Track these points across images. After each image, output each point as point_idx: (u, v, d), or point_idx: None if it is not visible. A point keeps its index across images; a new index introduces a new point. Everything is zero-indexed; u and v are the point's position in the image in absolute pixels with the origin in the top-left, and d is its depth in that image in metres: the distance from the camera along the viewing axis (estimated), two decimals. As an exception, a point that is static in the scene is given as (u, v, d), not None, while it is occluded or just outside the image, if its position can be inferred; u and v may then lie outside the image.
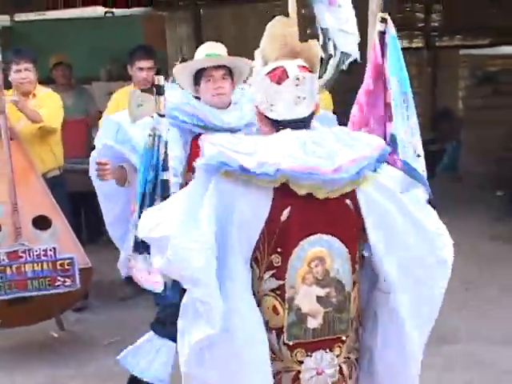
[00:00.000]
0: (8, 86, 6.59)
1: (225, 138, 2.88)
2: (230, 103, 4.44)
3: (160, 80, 3.81)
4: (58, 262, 5.91)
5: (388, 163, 3.04)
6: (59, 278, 5.91)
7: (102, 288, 7.26)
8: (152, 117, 3.89)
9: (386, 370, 3.04)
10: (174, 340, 3.53)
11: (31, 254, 5.81)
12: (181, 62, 4.64)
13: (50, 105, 6.57)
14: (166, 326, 4.35)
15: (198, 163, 2.77)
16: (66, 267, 6.08)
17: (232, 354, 2.77)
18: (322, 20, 4.32)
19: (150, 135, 3.76)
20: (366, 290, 3.04)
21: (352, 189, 2.79)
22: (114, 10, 11.26)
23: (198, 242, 2.65)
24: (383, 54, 3.83)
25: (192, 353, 2.80)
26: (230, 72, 4.40)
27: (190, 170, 4.15)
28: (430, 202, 3.15)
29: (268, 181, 2.67)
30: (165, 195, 3.64)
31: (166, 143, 3.78)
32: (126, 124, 4.29)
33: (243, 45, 3.26)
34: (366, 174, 2.79)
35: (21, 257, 5.90)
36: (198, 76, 4.37)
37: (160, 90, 3.78)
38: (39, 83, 6.82)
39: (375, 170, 2.84)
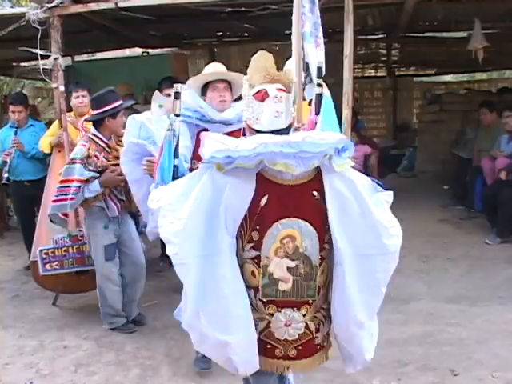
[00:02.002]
0: (69, 109, 6.65)
1: (218, 137, 2.93)
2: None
3: (178, 87, 3.86)
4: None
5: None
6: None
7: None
8: (168, 116, 3.95)
9: (338, 328, 3.05)
10: None
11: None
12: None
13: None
14: None
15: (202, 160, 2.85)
16: None
17: (220, 309, 2.83)
18: (307, 55, 4.33)
19: (168, 129, 3.79)
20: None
21: (319, 168, 2.82)
22: (149, 50, 11.28)
23: (178, 217, 2.78)
24: (318, 112, 3.86)
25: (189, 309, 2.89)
26: (230, 85, 4.54)
27: (195, 158, 4.28)
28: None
29: (248, 163, 2.72)
30: (175, 177, 3.67)
31: (178, 137, 3.82)
32: (147, 122, 4.40)
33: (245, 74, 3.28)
34: (332, 155, 2.79)
35: (80, 240, 5.94)
36: (205, 88, 4.50)
37: (177, 95, 3.83)
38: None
39: (339, 154, 2.82)
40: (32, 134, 7.34)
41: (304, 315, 2.96)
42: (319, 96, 3.88)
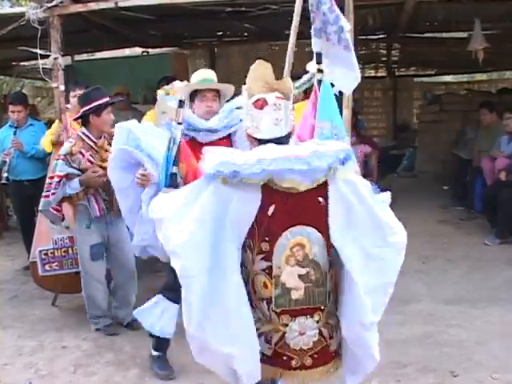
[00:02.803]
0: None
1: (222, 150, 2.92)
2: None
3: (182, 96, 3.95)
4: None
5: None
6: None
7: (140, 262, 7.22)
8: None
9: (346, 330, 3.01)
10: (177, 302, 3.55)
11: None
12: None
13: None
14: (174, 291, 4.05)
15: (203, 169, 2.82)
16: None
17: (224, 321, 2.80)
18: (315, 45, 4.21)
19: (169, 139, 3.76)
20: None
21: (325, 180, 2.79)
22: (149, 50, 11.26)
23: (181, 229, 2.75)
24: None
25: (193, 321, 2.84)
26: (218, 93, 4.52)
27: (181, 161, 4.07)
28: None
29: (255, 180, 2.70)
30: (173, 185, 3.62)
31: (179, 145, 3.77)
32: (134, 129, 4.30)
33: (247, 74, 3.27)
34: (337, 166, 2.78)
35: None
36: (193, 95, 4.47)
37: (181, 104, 3.84)
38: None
39: (343, 164, 2.82)
40: (31, 134, 7.35)
41: (317, 321, 2.94)
42: (319, 82, 3.89)
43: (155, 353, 4.82)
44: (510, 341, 5.00)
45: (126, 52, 12.33)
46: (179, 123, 3.82)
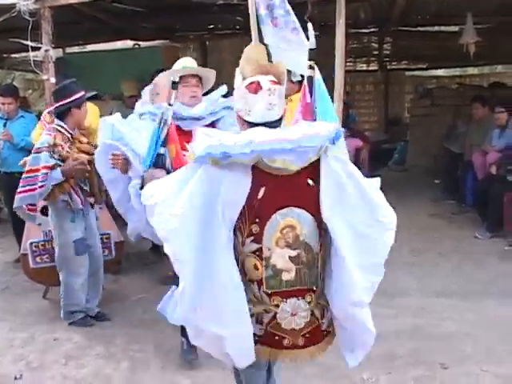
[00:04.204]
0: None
1: (213, 132, 2.94)
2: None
3: (175, 77, 4.06)
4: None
5: None
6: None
7: (132, 256, 7.25)
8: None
9: (338, 310, 3.02)
10: None
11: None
12: None
13: (90, 114, 6.28)
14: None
15: (192, 153, 2.83)
16: (105, 241, 6.17)
17: (216, 304, 2.82)
18: (266, 36, 4.40)
19: (160, 118, 3.88)
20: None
21: (316, 158, 2.82)
22: (140, 42, 11.23)
23: (174, 213, 2.77)
24: (312, 95, 3.86)
25: (185, 305, 2.88)
26: (200, 80, 4.55)
27: (169, 143, 4.23)
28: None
29: (245, 160, 2.71)
30: (159, 165, 3.72)
31: (169, 126, 3.90)
32: (118, 124, 4.43)
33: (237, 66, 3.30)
34: (328, 145, 2.82)
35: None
36: (176, 82, 4.42)
37: (174, 85, 3.95)
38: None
39: (333, 143, 2.85)
40: (22, 126, 7.32)
41: (309, 303, 2.96)
42: (310, 79, 3.88)
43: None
44: (501, 334, 5.02)
45: (118, 44, 12.30)
46: (170, 104, 3.90)
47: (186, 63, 4.60)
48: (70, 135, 5.37)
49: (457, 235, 7.87)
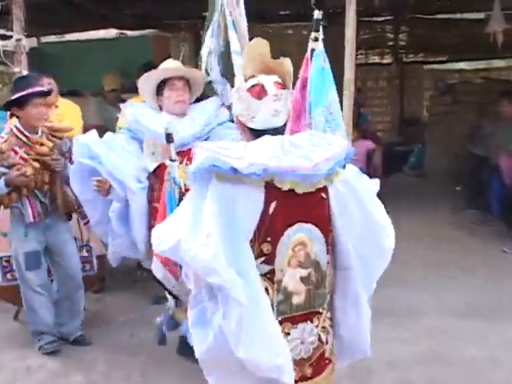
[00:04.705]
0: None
1: (216, 144, 2.89)
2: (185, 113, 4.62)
3: (169, 129, 3.92)
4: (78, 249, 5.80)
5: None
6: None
7: (117, 272, 7.22)
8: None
9: (347, 329, 3.14)
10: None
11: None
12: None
13: (69, 115, 6.38)
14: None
15: (191, 169, 2.81)
16: (85, 254, 6.11)
17: (265, 329, 2.77)
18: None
19: (167, 180, 3.90)
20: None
21: (325, 184, 2.86)
22: (126, 31, 11.25)
23: (204, 242, 2.68)
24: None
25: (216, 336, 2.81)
26: (188, 84, 4.60)
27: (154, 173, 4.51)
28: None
29: (256, 179, 2.70)
30: None
31: (179, 184, 3.89)
32: (92, 143, 4.57)
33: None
34: (337, 170, 2.87)
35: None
36: (161, 87, 4.56)
37: (170, 138, 3.89)
38: (64, 95, 6.75)
39: (344, 167, 2.91)
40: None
41: (316, 326, 2.99)
42: (312, 52, 3.95)
43: None
44: (529, 360, 5.01)
45: (100, 34, 12.33)
46: (172, 160, 3.91)
47: (172, 64, 4.66)
48: (26, 138, 5.22)
49: (480, 248, 7.86)
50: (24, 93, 5.10)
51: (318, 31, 3.93)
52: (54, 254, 5.53)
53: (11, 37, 6.38)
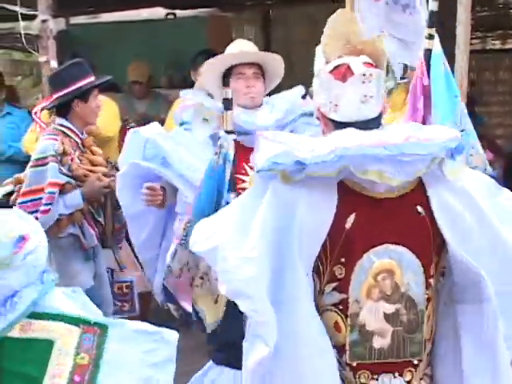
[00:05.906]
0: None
1: (281, 136, 2.91)
2: (261, 103, 4.47)
3: (228, 93, 3.83)
4: (116, 285, 5.85)
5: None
6: (117, 302, 5.83)
7: (163, 311, 7.27)
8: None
9: None
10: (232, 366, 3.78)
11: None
12: None
13: (105, 113, 6.28)
14: (227, 349, 4.17)
15: (253, 175, 2.88)
16: (125, 291, 6.04)
17: (300, 375, 2.74)
18: (362, 16, 4.29)
19: (215, 153, 3.74)
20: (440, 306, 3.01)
21: (426, 171, 2.77)
22: (175, 11, 11.25)
23: (246, 256, 2.67)
24: (428, 74, 3.86)
25: (252, 377, 2.79)
26: (261, 72, 4.45)
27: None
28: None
29: (328, 171, 2.66)
30: None
31: (234, 162, 3.80)
32: (160, 139, 4.34)
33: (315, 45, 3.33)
34: (443, 159, 2.78)
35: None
36: (227, 76, 4.41)
37: (228, 105, 3.79)
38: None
39: (452, 157, 2.81)
40: (9, 126, 7.52)
41: (408, 382, 2.92)
42: (428, 52, 3.88)
43: None
44: None
45: (144, 14, 12.48)
46: (229, 132, 3.80)
47: (242, 47, 4.52)
48: (80, 140, 5.27)
49: None
50: (92, 80, 5.18)
51: (432, 27, 3.89)
52: (96, 282, 5.43)
53: (35, 17, 6.38)
